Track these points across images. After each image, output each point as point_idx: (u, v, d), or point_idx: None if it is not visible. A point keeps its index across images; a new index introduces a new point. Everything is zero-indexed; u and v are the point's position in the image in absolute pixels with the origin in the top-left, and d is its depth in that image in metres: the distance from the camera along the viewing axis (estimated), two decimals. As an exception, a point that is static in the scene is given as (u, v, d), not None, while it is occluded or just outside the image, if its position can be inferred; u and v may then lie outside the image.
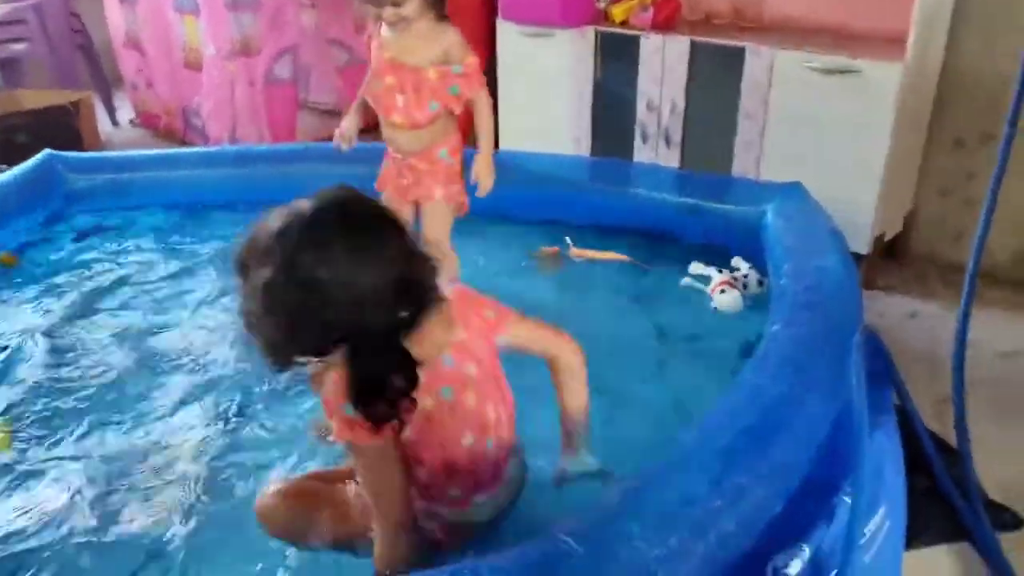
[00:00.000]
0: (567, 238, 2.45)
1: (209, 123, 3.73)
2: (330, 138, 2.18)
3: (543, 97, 3.12)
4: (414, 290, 1.09)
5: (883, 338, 1.68)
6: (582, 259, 2.41)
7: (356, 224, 1.07)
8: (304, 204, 1.08)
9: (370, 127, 2.17)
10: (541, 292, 2.24)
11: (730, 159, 2.78)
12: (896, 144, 2.45)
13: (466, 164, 2.11)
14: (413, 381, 1.10)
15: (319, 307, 1.03)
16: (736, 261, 2.30)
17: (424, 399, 1.16)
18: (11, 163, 2.77)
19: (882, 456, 1.38)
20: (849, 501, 1.19)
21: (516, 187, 2.55)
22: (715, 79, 2.73)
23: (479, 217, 2.25)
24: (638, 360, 1.92)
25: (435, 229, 2.10)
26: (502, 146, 3.20)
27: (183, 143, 3.93)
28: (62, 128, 3.59)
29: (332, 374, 1.13)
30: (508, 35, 3.12)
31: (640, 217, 2.55)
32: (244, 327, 1.09)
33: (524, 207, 2.62)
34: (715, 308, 2.15)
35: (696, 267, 2.31)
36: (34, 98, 3.75)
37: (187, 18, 3.65)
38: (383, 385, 1.08)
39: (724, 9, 3.03)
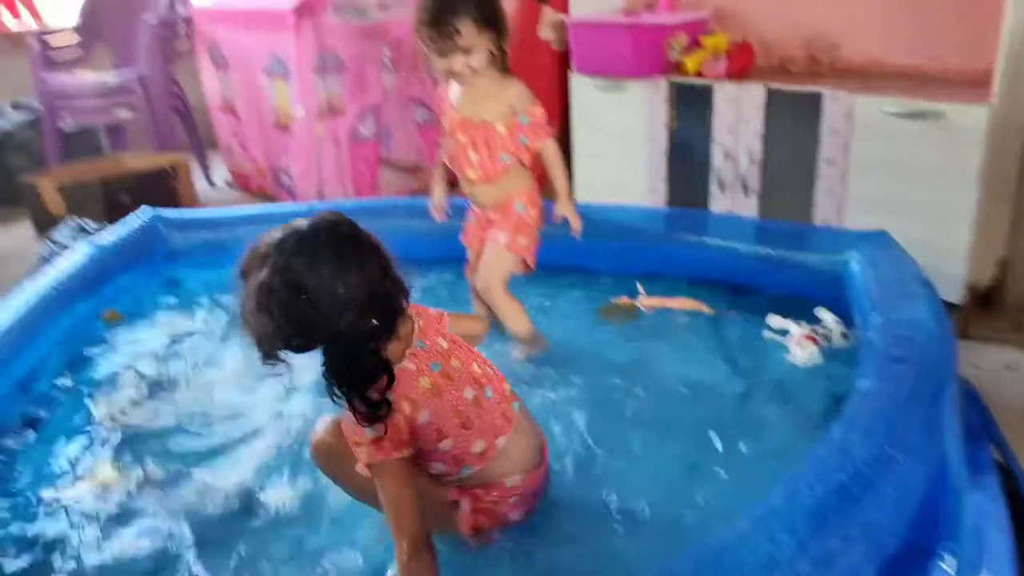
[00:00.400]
0: (638, 284, 2.42)
1: (298, 181, 3.90)
2: (410, 193, 2.25)
3: (617, 148, 3.15)
4: (385, 303, 1.28)
5: (980, 392, 1.61)
6: (654, 309, 2.38)
7: (343, 243, 1.26)
8: (301, 222, 1.27)
9: (453, 182, 2.23)
10: (614, 343, 2.23)
11: (811, 207, 2.74)
12: (985, 188, 2.37)
13: (545, 217, 2.15)
14: (390, 379, 1.29)
15: (304, 309, 1.21)
16: (819, 312, 2.24)
17: (423, 380, 1.34)
18: (113, 222, 2.95)
19: (983, 518, 1.31)
20: (946, 566, 1.14)
21: (591, 238, 2.57)
22: (793, 126, 2.71)
23: (555, 270, 2.27)
24: (717, 414, 1.88)
25: (489, 271, 2.09)
26: (576, 198, 3.24)
27: (273, 201, 4.11)
28: (161, 189, 3.81)
29: (345, 414, 1.31)
30: (581, 88, 3.17)
31: (718, 268, 2.52)
32: (240, 322, 1.27)
33: (600, 259, 2.63)
34: (791, 363, 2.09)
35: (774, 320, 2.25)
36: (136, 161, 4.01)
37: (278, 82, 3.86)
38: (363, 380, 1.27)
39: (799, 56, 3.02)
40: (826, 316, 2.20)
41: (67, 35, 4.38)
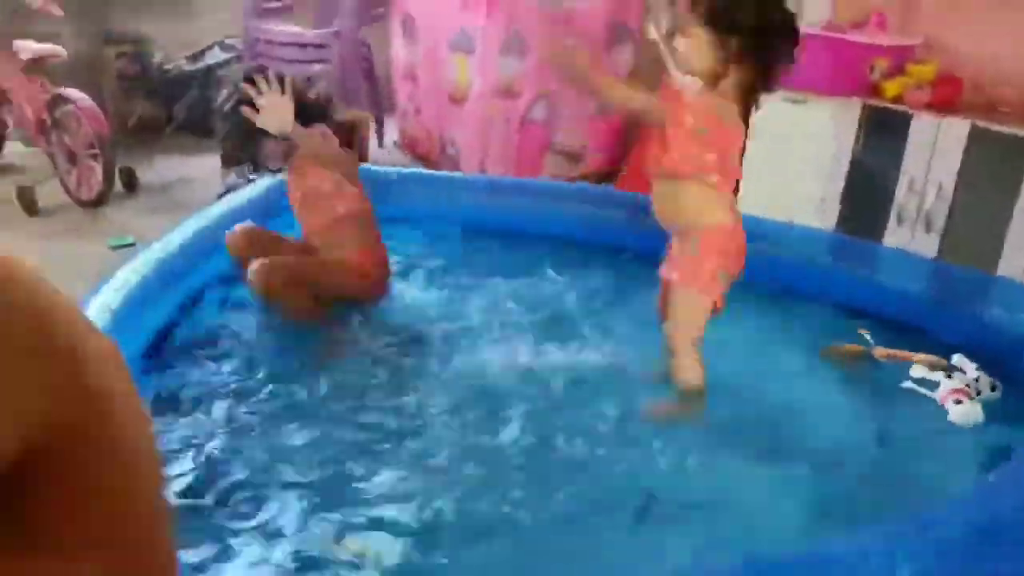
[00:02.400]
0: (863, 333, 2.23)
1: (464, 153, 4.01)
2: (572, 180, 2.23)
3: (793, 163, 3.04)
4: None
5: None
6: (892, 361, 2.15)
7: None
8: None
9: None
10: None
11: (997, 256, 2.55)
12: None
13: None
14: None
15: None
16: (958, 360, 2.05)
17: None
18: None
19: None
20: None
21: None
22: (995, 168, 2.53)
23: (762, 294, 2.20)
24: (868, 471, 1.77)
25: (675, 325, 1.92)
26: (741, 207, 3.15)
27: (436, 168, 4.24)
28: (340, 141, 4.01)
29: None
30: (767, 98, 3.07)
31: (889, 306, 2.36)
32: None
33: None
34: (951, 421, 1.93)
35: (918, 370, 2.07)
36: (321, 113, 4.23)
37: (460, 57, 3.97)
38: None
39: (1013, 96, 2.80)
40: (967, 366, 2.03)
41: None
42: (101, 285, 2.03)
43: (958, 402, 1.93)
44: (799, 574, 1.21)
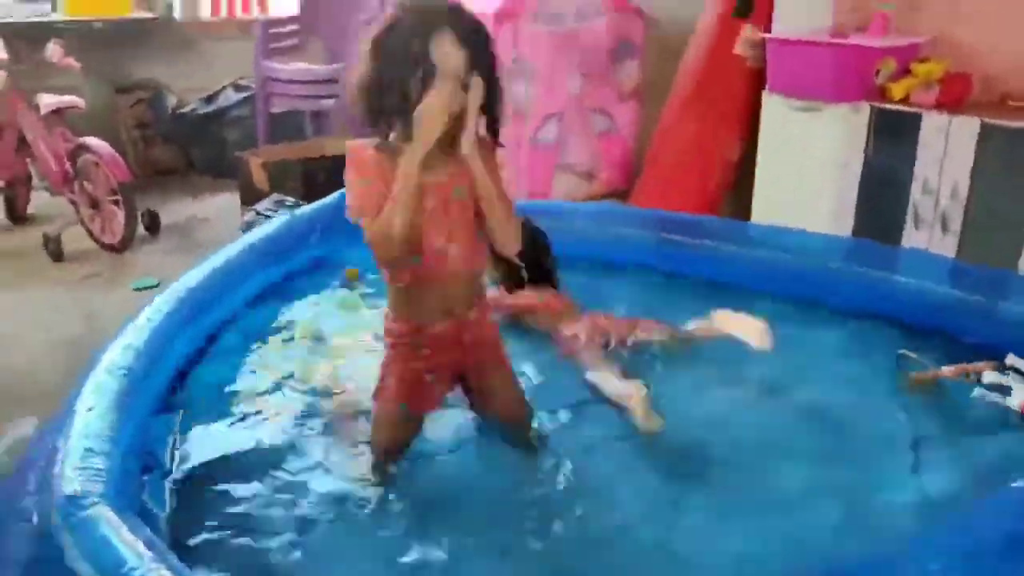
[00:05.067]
0: (909, 353, 2.13)
1: (476, 178, 4.04)
2: (583, 199, 2.24)
3: (805, 172, 3.03)
4: None
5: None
6: (963, 379, 2.04)
7: None
8: None
9: None
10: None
11: (1017, 254, 2.52)
12: None
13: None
14: None
15: None
16: (1012, 359, 2.01)
17: None
18: (311, 198, 3.18)
19: None
20: None
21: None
22: (1008, 165, 2.50)
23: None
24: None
25: None
26: (755, 218, 3.15)
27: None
28: (353, 173, 4.06)
29: None
30: (774, 108, 3.08)
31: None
32: None
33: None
34: None
35: (990, 376, 2.02)
36: (334, 145, 4.28)
37: (470, 83, 4.01)
38: None
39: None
40: (1022, 364, 1.98)
41: (287, 25, 4.77)
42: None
43: None
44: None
